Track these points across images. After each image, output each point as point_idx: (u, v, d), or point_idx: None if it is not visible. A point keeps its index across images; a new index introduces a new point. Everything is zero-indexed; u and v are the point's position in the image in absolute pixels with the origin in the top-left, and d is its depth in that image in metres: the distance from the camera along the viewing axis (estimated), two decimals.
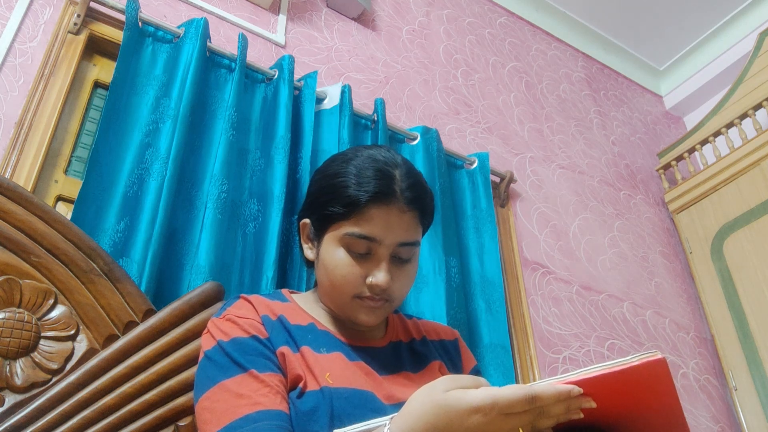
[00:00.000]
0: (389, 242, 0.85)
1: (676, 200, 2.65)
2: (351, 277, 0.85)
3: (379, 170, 0.86)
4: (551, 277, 2.10)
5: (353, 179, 0.85)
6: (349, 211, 0.84)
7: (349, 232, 0.85)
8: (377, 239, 0.85)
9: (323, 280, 0.89)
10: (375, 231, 0.84)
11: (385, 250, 0.86)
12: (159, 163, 1.36)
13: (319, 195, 0.89)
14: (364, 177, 0.85)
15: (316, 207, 0.90)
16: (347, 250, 0.86)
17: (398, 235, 0.86)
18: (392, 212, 0.85)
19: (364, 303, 0.87)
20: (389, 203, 0.85)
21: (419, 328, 1.02)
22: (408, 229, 0.87)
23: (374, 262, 0.86)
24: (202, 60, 1.53)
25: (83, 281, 1.04)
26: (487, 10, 2.75)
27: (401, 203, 0.85)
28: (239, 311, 0.87)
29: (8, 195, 1.03)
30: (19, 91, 1.41)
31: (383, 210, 0.84)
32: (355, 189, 0.84)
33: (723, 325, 2.30)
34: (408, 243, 0.87)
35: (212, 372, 0.80)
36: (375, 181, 0.85)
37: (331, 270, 0.86)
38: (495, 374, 1.59)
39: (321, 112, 1.71)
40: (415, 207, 0.87)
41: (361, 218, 0.84)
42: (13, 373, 0.95)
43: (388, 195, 0.85)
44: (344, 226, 0.85)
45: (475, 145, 2.21)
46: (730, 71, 2.92)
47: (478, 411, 0.62)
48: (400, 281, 0.88)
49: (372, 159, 0.87)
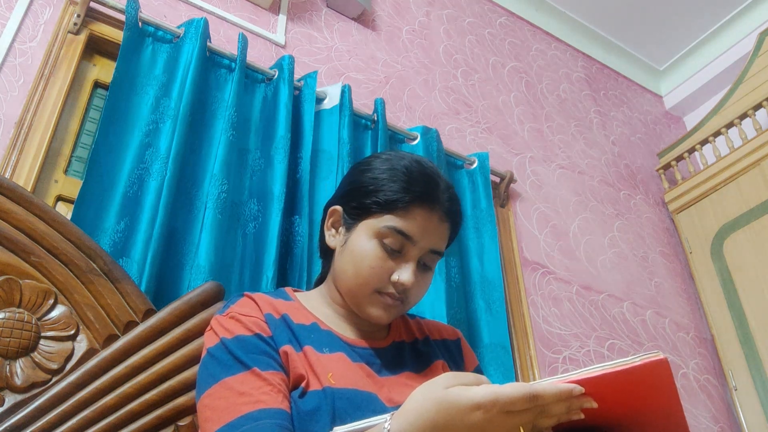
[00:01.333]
0: (423, 245, 0.87)
1: (676, 200, 2.65)
2: (378, 270, 0.86)
3: (428, 175, 0.88)
4: (551, 277, 2.10)
5: (403, 176, 0.87)
6: (395, 205, 0.86)
7: (390, 225, 0.86)
8: (414, 239, 0.86)
9: (347, 269, 0.89)
10: (414, 230, 0.86)
11: (417, 252, 0.87)
12: (159, 163, 1.36)
13: (366, 184, 0.90)
14: (414, 178, 0.87)
15: (357, 195, 0.90)
16: (380, 244, 0.86)
17: (432, 241, 0.88)
18: (433, 217, 0.87)
19: (382, 299, 0.87)
20: (433, 208, 0.87)
21: (422, 327, 1.02)
22: (441, 237, 0.90)
23: (403, 261, 0.87)
24: (202, 60, 1.53)
25: (83, 281, 1.04)
26: (487, 10, 2.75)
27: (442, 212, 0.88)
28: (243, 309, 0.86)
29: (8, 195, 1.03)
30: (19, 91, 1.41)
31: (426, 212, 0.87)
32: (405, 185, 0.86)
33: (723, 325, 2.30)
34: (437, 251, 0.89)
35: (215, 369, 0.80)
36: (424, 183, 0.87)
37: (360, 259, 0.87)
38: (495, 374, 1.59)
39: (321, 112, 1.71)
40: (452, 220, 0.91)
41: (404, 214, 0.86)
42: (13, 373, 0.95)
43: (434, 200, 0.87)
44: (385, 219, 0.86)
45: (475, 145, 2.21)
46: (730, 71, 2.92)
47: (479, 408, 0.62)
48: (419, 287, 0.90)
49: (419, 164, 0.90)
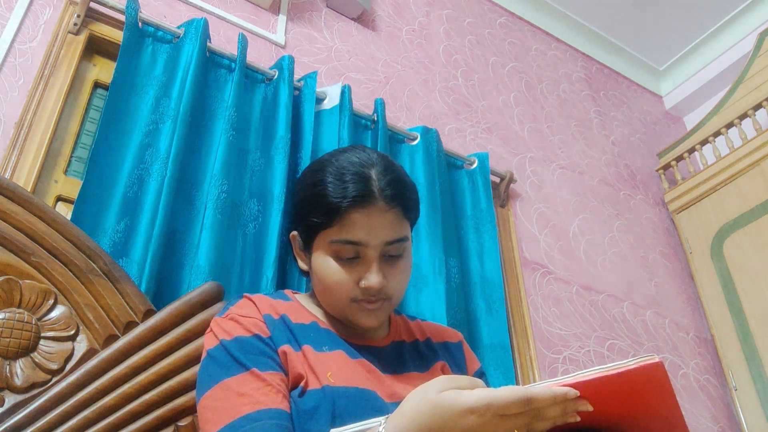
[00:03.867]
0: (375, 243, 0.84)
1: (676, 200, 2.65)
2: (344, 283, 0.85)
3: (355, 173, 0.85)
4: (551, 277, 2.10)
5: (330, 186, 0.84)
6: (331, 219, 0.84)
7: (335, 239, 0.84)
8: (363, 242, 0.84)
9: (320, 289, 0.90)
10: (359, 235, 0.83)
11: (373, 251, 0.85)
12: (159, 164, 1.36)
13: (302, 207, 0.89)
14: (341, 182, 0.84)
15: (300, 219, 0.90)
16: (336, 257, 0.85)
17: (383, 235, 0.85)
18: (373, 213, 0.84)
19: (361, 306, 0.86)
20: (369, 205, 0.83)
21: (423, 329, 1.02)
22: (392, 226, 0.86)
23: (365, 265, 0.85)
24: (202, 60, 1.53)
25: (83, 281, 1.04)
26: (487, 10, 2.75)
27: (381, 202, 0.84)
28: (242, 310, 0.87)
29: (8, 195, 1.03)
30: (19, 91, 1.41)
31: (364, 212, 0.83)
32: (333, 196, 0.83)
33: (723, 325, 2.30)
34: (395, 240, 0.86)
35: (214, 371, 0.80)
36: (352, 184, 0.83)
37: (323, 278, 0.87)
38: (495, 374, 1.59)
39: (321, 112, 1.71)
40: (397, 203, 0.86)
41: (343, 224, 0.83)
42: (13, 373, 0.95)
43: (367, 197, 0.83)
44: (329, 234, 0.85)
45: (475, 145, 2.21)
46: (730, 71, 2.92)
47: (473, 412, 0.62)
48: (395, 278, 0.88)
49: (347, 162, 0.86)
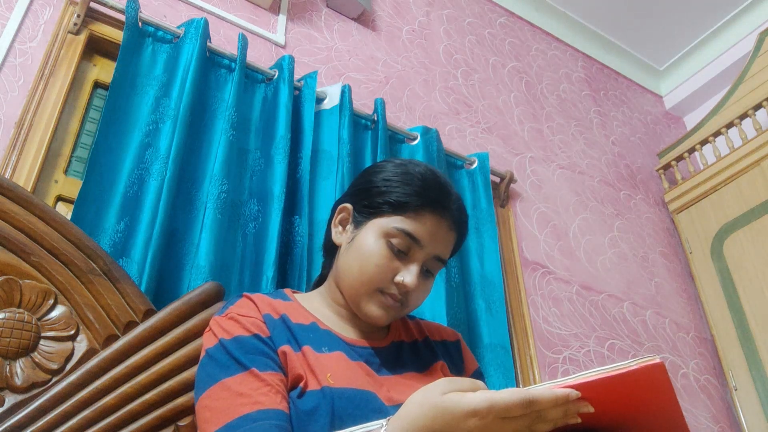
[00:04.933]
0: (429, 250, 0.88)
1: (676, 200, 2.65)
2: (383, 269, 0.87)
3: (441, 184, 0.91)
4: (551, 277, 2.10)
5: (417, 181, 0.89)
6: (406, 207, 0.87)
7: (399, 227, 0.87)
8: (421, 243, 0.87)
9: (352, 265, 0.89)
10: (422, 234, 0.87)
11: (423, 256, 0.88)
12: (159, 163, 1.36)
13: (378, 185, 0.91)
14: (428, 183, 0.89)
15: (369, 195, 0.91)
16: (387, 244, 0.87)
17: (439, 248, 0.89)
18: (442, 224, 0.89)
19: (384, 299, 0.88)
20: (443, 215, 0.89)
21: (422, 328, 1.02)
22: (447, 245, 0.91)
23: (408, 263, 0.88)
24: (202, 60, 1.53)
25: (83, 281, 1.04)
26: (487, 10, 2.75)
27: (451, 221, 0.90)
28: (241, 309, 0.87)
29: (8, 195, 1.03)
30: (19, 91, 1.41)
31: (436, 219, 0.88)
32: (419, 189, 0.88)
33: (723, 325, 2.30)
34: (442, 259, 0.91)
35: (213, 370, 0.80)
36: (437, 191, 0.89)
37: (366, 257, 0.87)
38: (495, 374, 1.59)
39: (321, 112, 1.71)
40: (459, 230, 0.93)
41: (415, 217, 0.87)
42: (13, 373, 0.95)
43: (445, 208, 0.89)
44: (395, 221, 0.87)
45: (475, 145, 2.21)
46: (730, 71, 2.92)
47: (475, 414, 0.62)
48: (420, 291, 0.90)
49: (433, 172, 0.92)
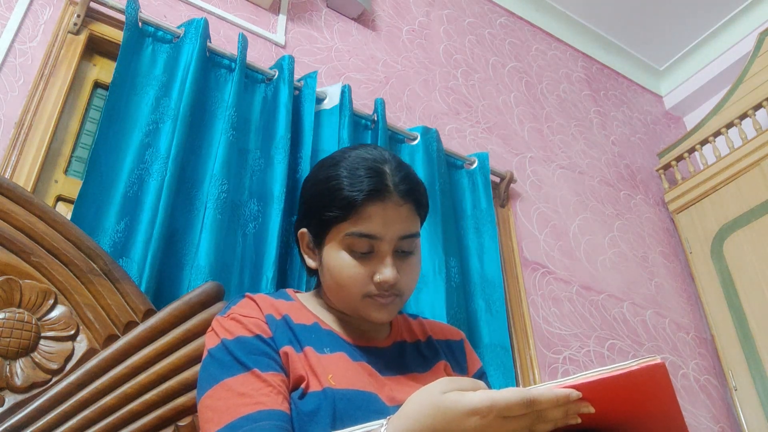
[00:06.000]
0: (390, 237, 0.85)
1: (676, 200, 2.65)
2: (358, 277, 0.85)
3: (369, 168, 0.86)
4: (551, 277, 2.10)
5: (346, 180, 0.85)
6: (347, 212, 0.85)
7: (350, 233, 0.85)
8: (378, 236, 0.85)
9: (331, 285, 0.89)
10: (375, 228, 0.84)
11: (387, 245, 0.86)
12: (159, 163, 1.36)
13: (315, 201, 0.89)
14: (356, 176, 0.85)
15: (312, 214, 0.90)
16: (350, 252, 0.86)
17: (398, 229, 0.86)
18: (389, 207, 0.85)
19: (374, 301, 0.87)
20: (384, 198, 0.85)
21: (425, 328, 1.02)
22: (406, 221, 0.87)
23: (378, 260, 0.86)
24: (202, 60, 1.53)
25: (83, 281, 1.04)
26: (487, 10, 2.75)
27: (396, 197, 0.86)
28: (244, 310, 0.87)
29: (8, 195, 1.03)
30: (19, 91, 1.41)
31: (380, 206, 0.85)
32: (349, 189, 0.85)
33: (723, 325, 2.30)
34: (408, 235, 0.87)
35: (215, 370, 0.80)
36: (368, 179, 0.85)
37: (336, 273, 0.87)
38: (495, 374, 1.59)
39: (321, 112, 1.71)
40: (411, 199, 0.88)
41: (359, 217, 0.84)
42: (13, 373, 0.95)
43: (383, 191, 0.85)
44: (344, 228, 0.85)
45: (475, 145, 2.21)
46: (730, 71, 2.92)
47: (476, 413, 0.62)
48: (407, 274, 0.89)
49: (361, 158, 0.88)
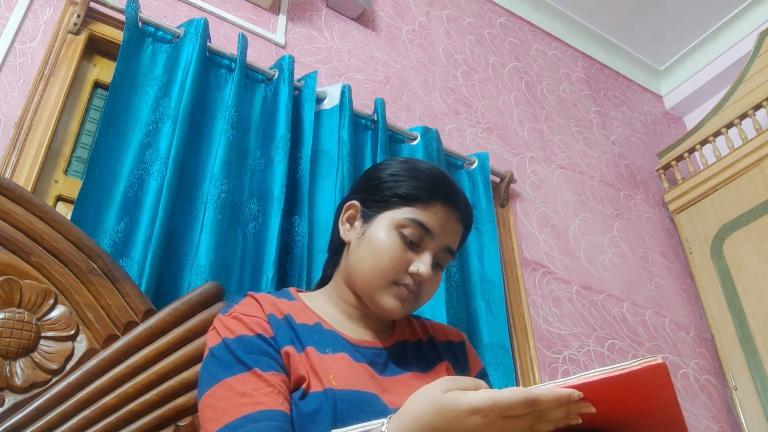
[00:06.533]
0: (440, 241, 0.90)
1: (676, 200, 2.65)
2: (398, 261, 0.87)
3: (449, 181, 0.94)
4: (551, 277, 2.10)
5: (426, 175, 0.91)
6: (419, 197, 0.89)
7: (411, 217, 0.88)
8: (433, 233, 0.89)
9: (365, 260, 0.89)
10: (434, 224, 0.89)
11: (434, 246, 0.89)
12: (159, 163, 1.36)
13: (387, 180, 0.92)
14: (436, 177, 0.91)
15: (379, 189, 0.92)
16: (400, 235, 0.88)
17: (449, 239, 0.91)
18: (452, 216, 0.91)
19: (399, 290, 0.88)
20: (452, 207, 0.91)
21: (426, 328, 1.02)
22: (456, 237, 0.93)
23: (419, 254, 0.89)
24: (202, 60, 1.53)
25: (83, 281, 1.04)
26: (487, 10, 2.75)
27: (459, 215, 0.92)
28: (246, 309, 0.86)
29: (8, 195, 1.03)
30: (19, 91, 1.41)
31: (447, 210, 0.90)
32: (430, 184, 0.90)
33: (723, 325, 2.30)
34: (452, 250, 0.93)
35: (216, 369, 0.80)
36: (447, 187, 0.92)
37: (379, 251, 0.88)
38: (495, 374, 1.59)
39: (321, 112, 1.71)
40: (466, 224, 0.95)
41: (426, 208, 0.89)
42: (13, 373, 0.95)
43: (454, 201, 0.92)
44: (407, 212, 0.89)
45: (475, 145, 2.21)
46: (730, 71, 2.92)
47: (477, 412, 0.62)
48: (432, 283, 0.92)
49: (439, 168, 0.95)
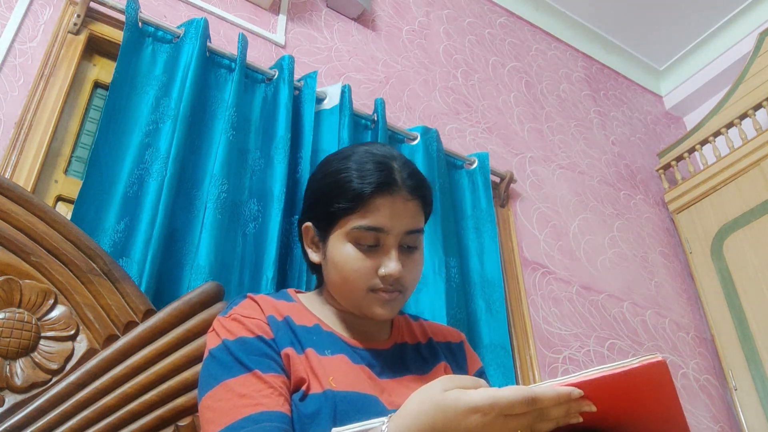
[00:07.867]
0: (396, 231, 0.86)
1: (676, 200, 2.65)
2: (363, 270, 0.86)
3: (379, 162, 0.87)
4: (551, 277, 2.10)
5: (355, 173, 0.86)
6: (355, 205, 0.85)
7: (357, 226, 0.85)
8: (385, 229, 0.85)
9: (335, 279, 0.89)
10: (382, 221, 0.85)
11: (393, 239, 0.86)
12: (159, 163, 1.36)
13: (322, 194, 0.90)
14: (366, 170, 0.86)
15: (319, 207, 0.90)
16: (356, 245, 0.86)
17: (405, 224, 0.87)
18: (397, 201, 0.86)
19: (378, 296, 0.87)
20: (393, 193, 0.86)
21: (425, 329, 1.01)
22: (413, 216, 0.88)
23: (383, 253, 0.86)
24: (202, 60, 1.53)
25: (83, 281, 1.04)
26: (486, 10, 2.75)
27: (404, 192, 0.87)
28: (245, 311, 0.86)
29: (8, 195, 1.03)
30: (19, 91, 1.41)
31: (388, 200, 0.86)
32: (358, 182, 0.85)
33: (723, 325, 2.30)
34: (414, 230, 0.88)
35: (216, 371, 0.80)
36: (377, 172, 0.86)
37: (341, 266, 0.87)
38: (495, 374, 1.59)
39: (321, 112, 1.71)
40: (418, 195, 0.89)
41: (367, 210, 0.85)
42: (13, 373, 0.95)
43: (391, 185, 0.86)
44: (351, 221, 0.86)
45: (475, 145, 2.21)
46: (730, 71, 2.92)
47: (477, 411, 0.62)
48: (410, 270, 0.89)
49: (370, 153, 0.89)
